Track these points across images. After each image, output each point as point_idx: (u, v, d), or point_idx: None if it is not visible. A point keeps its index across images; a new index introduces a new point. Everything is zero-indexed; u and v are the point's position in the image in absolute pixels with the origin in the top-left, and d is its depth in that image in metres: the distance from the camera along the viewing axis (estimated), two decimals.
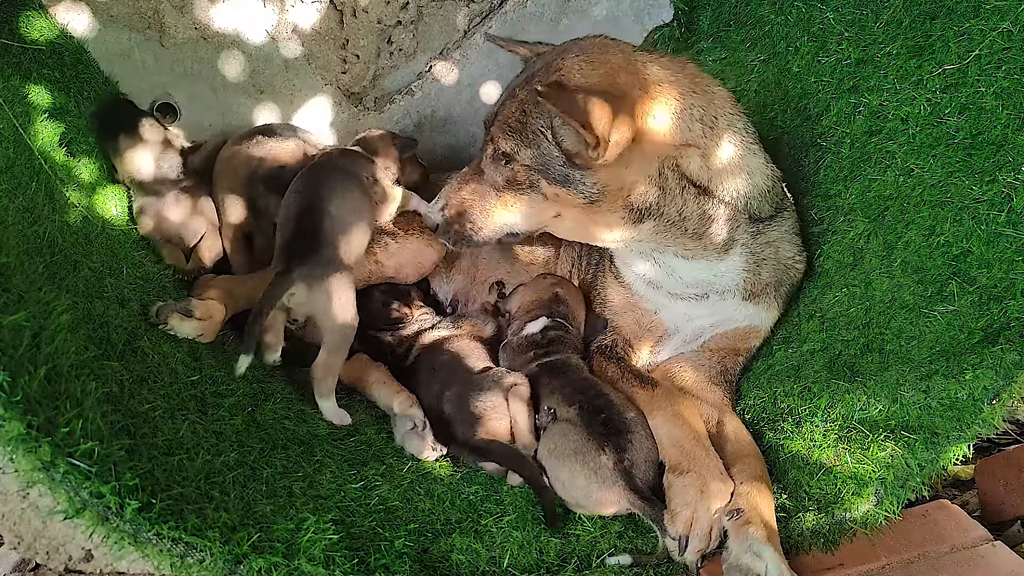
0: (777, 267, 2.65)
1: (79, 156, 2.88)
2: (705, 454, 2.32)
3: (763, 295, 2.67)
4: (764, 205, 2.57)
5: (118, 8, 3.24)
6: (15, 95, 2.67)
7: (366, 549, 2.02)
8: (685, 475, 2.24)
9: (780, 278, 2.67)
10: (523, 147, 2.38)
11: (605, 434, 2.33)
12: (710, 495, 2.18)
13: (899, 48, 2.53)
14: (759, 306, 2.68)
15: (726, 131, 2.45)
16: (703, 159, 2.42)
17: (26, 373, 1.65)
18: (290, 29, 3.51)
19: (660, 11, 3.81)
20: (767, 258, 2.62)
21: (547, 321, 2.82)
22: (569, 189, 2.38)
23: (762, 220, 2.58)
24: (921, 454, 2.08)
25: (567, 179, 2.37)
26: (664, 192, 2.42)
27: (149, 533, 1.68)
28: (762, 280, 2.64)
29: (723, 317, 2.73)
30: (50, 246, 2.26)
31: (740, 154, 2.48)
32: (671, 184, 2.41)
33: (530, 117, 2.36)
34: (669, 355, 2.84)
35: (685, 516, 2.16)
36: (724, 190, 2.47)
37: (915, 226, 2.30)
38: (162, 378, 2.25)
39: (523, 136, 2.38)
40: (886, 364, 2.23)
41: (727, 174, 2.46)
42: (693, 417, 2.47)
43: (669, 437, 2.38)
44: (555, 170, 2.36)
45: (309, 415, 2.61)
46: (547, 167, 2.37)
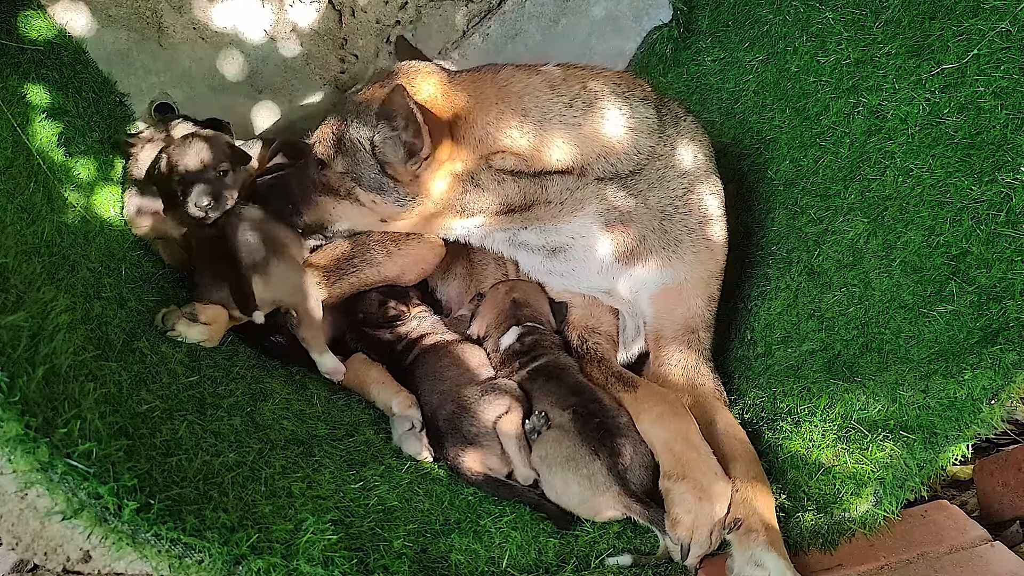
0: (652, 218, 2.65)
1: (77, 156, 2.87)
2: (697, 455, 2.29)
3: (648, 252, 2.68)
4: (618, 165, 2.57)
5: (116, 8, 3.25)
6: (13, 95, 2.67)
7: (365, 549, 2.01)
8: (681, 481, 2.21)
9: (662, 228, 2.66)
10: (340, 155, 2.53)
11: (599, 439, 2.32)
12: (709, 498, 2.17)
13: (898, 48, 2.53)
14: (652, 264, 2.70)
15: (540, 120, 2.49)
16: (516, 156, 2.49)
17: (24, 373, 1.65)
18: (289, 29, 3.51)
19: (659, 11, 3.82)
20: (633, 212, 2.63)
21: (519, 329, 2.82)
22: (384, 198, 2.53)
23: (620, 177, 2.59)
24: (920, 454, 2.08)
25: (381, 188, 2.52)
26: (483, 192, 2.54)
27: (147, 534, 1.68)
28: (639, 236, 2.65)
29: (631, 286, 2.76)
30: (48, 246, 2.26)
31: (562, 133, 2.50)
32: (489, 182, 2.53)
33: (350, 127, 2.49)
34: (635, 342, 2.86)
35: (686, 522, 2.14)
36: (549, 168, 2.53)
37: (914, 226, 2.30)
38: (160, 379, 2.25)
39: (341, 146, 2.52)
40: (885, 364, 2.23)
41: (555, 157, 2.51)
42: (680, 415, 2.42)
43: (659, 441, 2.35)
44: (370, 179, 2.51)
45: (308, 415, 2.60)
46: (362, 176, 2.52)
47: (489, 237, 2.79)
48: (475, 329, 2.98)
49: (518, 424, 2.49)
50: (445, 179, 2.49)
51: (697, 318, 2.74)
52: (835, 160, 2.69)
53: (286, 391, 2.68)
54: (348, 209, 2.64)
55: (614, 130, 2.55)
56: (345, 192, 2.58)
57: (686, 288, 2.72)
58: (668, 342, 2.74)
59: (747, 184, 3.04)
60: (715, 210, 2.72)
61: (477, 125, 2.45)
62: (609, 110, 2.55)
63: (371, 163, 2.47)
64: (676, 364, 2.71)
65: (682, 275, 2.71)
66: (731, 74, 3.39)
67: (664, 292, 2.73)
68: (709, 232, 2.71)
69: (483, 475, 2.43)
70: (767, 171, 2.96)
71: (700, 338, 2.74)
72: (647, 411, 2.44)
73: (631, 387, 2.57)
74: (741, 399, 2.67)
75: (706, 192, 2.70)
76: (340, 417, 2.68)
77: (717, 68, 3.50)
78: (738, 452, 2.38)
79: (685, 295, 2.73)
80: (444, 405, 2.59)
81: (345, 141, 2.49)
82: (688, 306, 2.74)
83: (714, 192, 2.73)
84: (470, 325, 3.03)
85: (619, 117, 2.56)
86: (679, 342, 2.73)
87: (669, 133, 2.66)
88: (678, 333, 2.73)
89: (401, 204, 2.53)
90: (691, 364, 2.71)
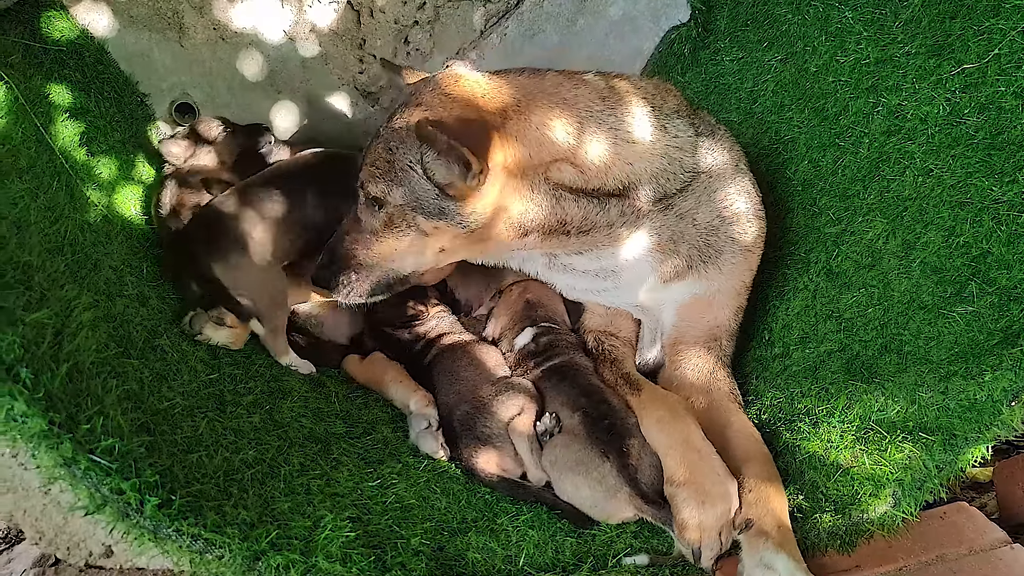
0: (697, 236, 2.61)
1: (99, 156, 2.90)
2: (699, 458, 2.28)
3: (689, 269, 2.64)
4: (666, 184, 2.53)
5: (138, 9, 3.28)
6: (37, 95, 2.70)
7: (383, 547, 2.02)
8: (683, 486, 2.21)
9: (704, 244, 2.62)
10: (394, 187, 2.36)
11: (608, 441, 2.32)
12: (712, 502, 2.16)
13: (918, 47, 2.51)
14: (690, 280, 2.67)
15: (596, 131, 2.42)
16: (574, 167, 2.40)
17: (48, 370, 1.67)
18: (308, 29, 3.53)
19: (677, 11, 3.81)
20: (683, 232, 2.59)
21: (533, 330, 2.82)
22: (447, 222, 2.37)
23: (669, 197, 2.55)
24: (939, 455, 2.06)
25: (443, 212, 2.35)
26: (540, 207, 2.41)
27: (169, 529, 1.70)
28: (682, 255, 2.62)
29: (661, 299, 2.73)
30: (71, 245, 2.29)
31: (620, 148, 2.44)
32: (544, 198, 2.41)
33: (396, 156, 2.34)
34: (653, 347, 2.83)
35: (693, 527, 2.14)
36: (610, 187, 2.45)
37: (934, 227, 2.29)
38: (181, 376, 2.28)
39: (392, 177, 2.36)
40: (904, 365, 2.22)
41: (609, 172, 2.44)
42: (680, 418, 2.41)
43: (661, 445, 2.35)
44: (430, 205, 2.35)
45: (326, 414, 2.62)
46: (422, 203, 2.36)
47: (531, 260, 2.72)
48: (490, 330, 2.99)
49: (530, 425, 2.50)
50: (504, 190, 2.36)
51: (722, 328, 2.73)
52: (854, 160, 2.68)
53: (304, 389, 2.70)
54: (412, 242, 2.47)
55: (659, 146, 2.52)
56: (406, 225, 2.42)
57: (717, 299, 2.71)
58: (687, 347, 2.73)
59: (765, 184, 3.03)
60: (753, 220, 2.69)
61: (531, 127, 2.35)
62: (654, 126, 2.52)
63: (428, 187, 2.32)
64: (692, 368, 2.70)
65: (716, 286, 2.69)
66: (749, 74, 3.38)
67: (694, 302, 2.71)
68: (746, 243, 2.69)
69: (497, 476, 2.44)
70: (785, 171, 2.95)
71: (722, 345, 2.73)
72: (648, 415, 2.45)
73: (636, 390, 2.57)
74: (758, 400, 2.66)
75: (745, 203, 2.68)
76: (358, 415, 2.70)
77: (735, 68, 3.49)
78: (753, 454, 2.38)
79: (715, 306, 2.71)
80: (459, 405, 2.60)
81: (396, 171, 2.35)
82: (715, 316, 2.72)
83: (752, 202, 2.70)
84: (485, 326, 3.04)
85: (662, 132, 2.53)
86: (699, 347, 2.71)
87: (707, 146, 2.65)
88: (700, 340, 2.72)
89: (464, 225, 2.37)
90: (708, 369, 2.69)
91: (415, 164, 2.31)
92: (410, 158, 2.31)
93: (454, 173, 2.25)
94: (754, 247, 2.71)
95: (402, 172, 2.33)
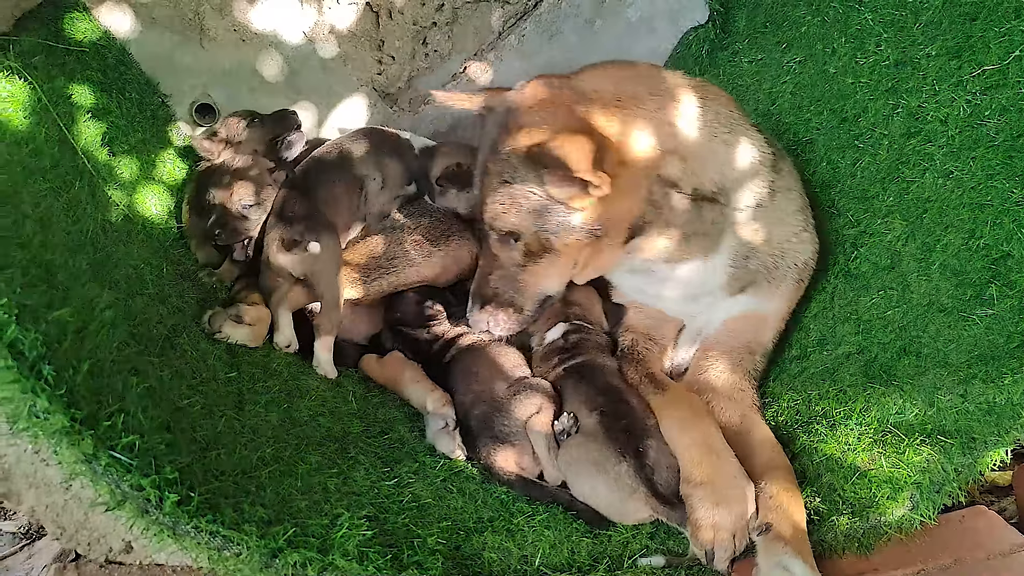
0: (769, 253, 2.63)
1: (120, 156, 2.93)
2: (717, 459, 2.28)
3: (753, 284, 2.65)
4: (754, 193, 2.54)
5: (160, 10, 3.30)
6: (60, 95, 2.73)
7: (399, 545, 2.03)
8: (700, 486, 2.21)
9: (773, 263, 2.64)
10: (522, 216, 2.39)
11: (626, 441, 2.32)
12: (728, 503, 2.16)
13: (938, 49, 2.50)
14: (751, 295, 2.67)
15: (699, 126, 2.43)
16: (682, 162, 2.41)
17: (70, 367, 1.69)
18: (327, 30, 3.55)
19: (695, 12, 3.80)
20: (756, 247, 2.60)
21: (565, 326, 2.82)
22: (577, 236, 2.39)
23: (752, 208, 2.56)
24: (958, 459, 2.05)
25: (572, 227, 2.37)
26: (655, 205, 2.42)
27: (187, 526, 1.72)
28: (751, 270, 2.63)
29: (718, 311, 2.73)
30: (93, 243, 2.31)
31: (719, 147, 2.46)
32: (659, 195, 2.41)
33: (515, 184, 2.36)
34: (683, 352, 2.83)
35: (707, 527, 2.14)
36: (709, 187, 2.46)
37: (954, 229, 2.28)
38: (200, 374, 2.30)
39: (516, 206, 2.38)
40: (923, 368, 2.20)
41: (710, 171, 2.46)
42: (702, 420, 2.42)
43: (679, 445, 2.35)
44: (559, 222, 2.36)
45: (343, 413, 2.64)
46: (550, 223, 2.37)
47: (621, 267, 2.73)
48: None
49: (548, 424, 2.50)
50: (623, 189, 2.33)
51: (760, 344, 2.74)
52: (873, 162, 2.66)
53: (322, 388, 2.72)
54: (551, 266, 2.50)
55: (747, 152, 2.53)
56: (543, 248, 2.44)
57: (767, 319, 2.72)
58: (720, 355, 2.73)
59: None
60: (811, 250, 2.71)
61: (637, 122, 2.35)
62: (742, 130, 2.54)
63: (554, 206, 2.34)
64: (719, 375, 2.69)
65: (772, 307, 2.70)
66: (768, 75, 3.37)
67: (745, 317, 2.72)
68: (804, 274, 2.70)
69: (515, 475, 2.44)
70: (804, 173, 2.94)
71: (755, 360, 2.73)
72: (670, 415, 2.44)
73: (660, 389, 2.57)
74: (775, 402, 2.65)
75: (808, 232, 2.70)
76: (375, 415, 2.71)
77: (753, 69, 3.48)
78: (774, 462, 2.37)
79: (763, 324, 2.73)
80: (477, 405, 2.61)
81: (520, 199, 2.37)
82: (759, 333, 2.73)
83: (813, 233, 2.72)
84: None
85: (749, 140, 2.55)
86: (731, 357, 2.72)
87: (784, 168, 2.68)
88: (735, 350, 2.72)
89: (594, 235, 2.39)
90: (735, 378, 2.68)
91: (535, 187, 2.33)
92: (529, 183, 2.34)
93: (574, 187, 2.26)
94: (807, 276, 2.73)
95: (525, 199, 2.36)
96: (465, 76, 3.80)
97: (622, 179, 2.31)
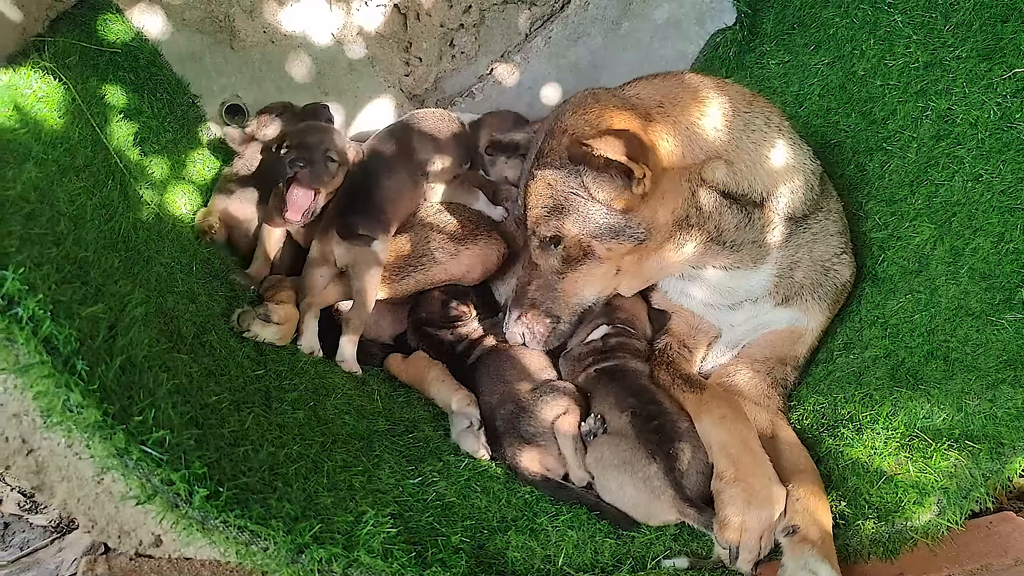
0: (813, 268, 2.63)
1: (151, 155, 2.97)
2: (753, 460, 2.27)
3: (797, 297, 2.65)
4: (800, 204, 2.54)
5: (191, 12, 3.34)
6: (93, 96, 2.77)
7: (423, 543, 2.04)
8: (733, 483, 2.20)
9: (817, 279, 2.64)
10: (565, 219, 2.41)
11: (657, 442, 2.31)
12: (759, 504, 2.15)
13: (969, 51, 2.48)
14: (794, 308, 2.67)
15: (745, 132, 2.44)
16: (728, 166, 2.42)
17: (103, 363, 1.72)
18: (355, 32, 3.58)
19: (722, 14, 3.79)
20: (801, 260, 2.61)
21: (608, 328, 2.82)
22: (620, 239, 2.41)
23: (798, 220, 2.56)
24: (986, 464, 2.03)
25: (615, 230, 2.39)
26: (699, 210, 2.43)
27: (216, 520, 1.74)
28: (796, 282, 2.63)
29: (759, 322, 2.72)
30: (125, 242, 2.35)
31: (767, 153, 2.46)
32: (704, 199, 2.43)
33: (557, 188, 2.40)
34: (718, 358, 2.83)
35: (734, 525, 2.13)
36: (756, 194, 2.47)
37: (983, 232, 2.26)
38: (229, 371, 2.32)
39: (560, 209, 2.41)
40: (951, 372, 2.19)
41: (756, 177, 2.46)
42: (742, 420, 2.41)
43: (717, 442, 2.34)
44: (602, 225, 2.39)
45: (369, 411, 2.65)
46: (593, 226, 2.40)
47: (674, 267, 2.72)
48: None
49: (575, 425, 2.50)
50: (666, 194, 2.38)
51: (795, 358, 2.74)
52: (902, 165, 2.65)
53: (348, 387, 2.74)
54: (591, 273, 2.53)
55: (796, 160, 2.54)
56: (583, 254, 2.47)
57: (806, 335, 2.72)
58: (751, 361, 2.73)
59: None
60: (851, 270, 2.70)
61: (680, 125, 2.38)
62: (789, 138, 2.55)
63: (596, 207, 2.37)
64: (747, 380, 2.69)
65: (813, 324, 2.70)
66: (795, 77, 3.36)
67: (786, 332, 2.72)
68: (841, 295, 2.71)
69: (540, 475, 2.44)
70: (831, 175, 2.93)
71: (786, 371, 2.73)
72: (710, 412, 2.43)
73: (697, 388, 2.56)
74: (800, 405, 2.64)
75: (847, 251, 2.70)
76: (400, 414, 2.72)
77: (781, 71, 3.47)
78: (802, 464, 2.36)
79: (801, 340, 2.73)
80: (503, 405, 2.61)
81: (562, 202, 2.40)
82: (796, 347, 2.73)
83: (851, 255, 2.72)
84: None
85: (798, 148, 2.56)
86: (763, 365, 2.72)
87: (827, 185, 2.69)
88: (767, 359, 2.73)
89: (635, 238, 2.40)
90: (764, 385, 2.68)
91: (578, 189, 2.37)
92: (571, 184, 2.37)
93: (617, 185, 2.30)
94: (843, 298, 2.73)
95: (567, 201, 2.39)
96: (492, 78, 3.81)
97: (664, 181, 2.33)
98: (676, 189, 2.39)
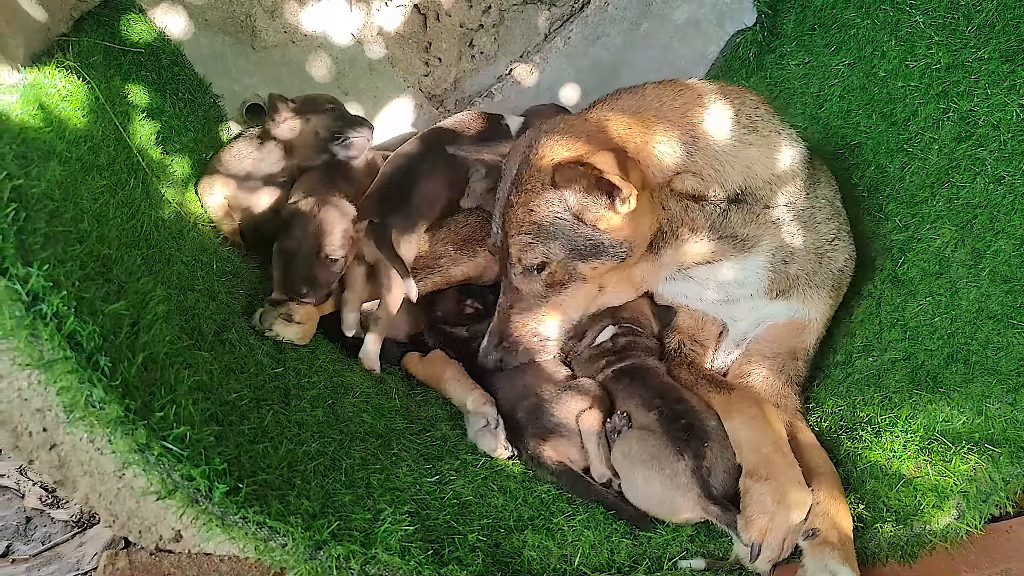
0: (806, 257, 2.63)
1: (173, 154, 3.00)
2: (784, 460, 2.26)
3: (794, 288, 2.66)
4: (783, 193, 2.56)
5: (212, 12, 3.37)
6: (116, 95, 2.80)
7: (440, 541, 2.05)
8: (763, 482, 2.19)
9: (812, 268, 2.65)
10: (551, 244, 2.45)
11: (685, 440, 2.31)
12: (788, 504, 2.14)
13: (991, 52, 2.46)
14: (793, 300, 2.68)
15: (711, 139, 2.46)
16: (695, 176, 2.46)
17: (125, 359, 1.74)
18: (375, 32, 3.59)
19: (742, 14, 3.78)
20: (792, 248, 2.61)
21: (615, 328, 2.81)
22: (603, 259, 2.47)
23: (783, 209, 2.58)
24: (1006, 468, 2.02)
25: (599, 250, 2.44)
26: (671, 219, 2.49)
27: (236, 516, 1.75)
28: (790, 273, 2.64)
29: (760, 315, 2.74)
30: (147, 239, 2.37)
31: (733, 154, 2.49)
32: (676, 209, 2.48)
33: (540, 213, 2.43)
34: (726, 357, 2.83)
35: (760, 524, 2.12)
36: (730, 192, 2.50)
37: (1005, 235, 2.24)
38: (248, 369, 2.34)
39: (544, 234, 2.45)
40: (971, 376, 2.18)
41: (728, 178, 2.49)
42: (773, 421, 2.41)
43: (747, 441, 2.33)
44: (587, 246, 2.44)
45: (386, 410, 2.67)
46: (578, 248, 2.44)
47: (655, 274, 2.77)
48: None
49: (599, 420, 2.50)
50: (645, 211, 2.43)
51: (803, 350, 2.74)
52: (923, 166, 2.64)
53: (366, 385, 2.75)
54: (576, 292, 2.60)
55: (771, 151, 2.55)
56: (568, 276, 2.53)
57: (809, 325, 2.73)
58: (763, 359, 2.73)
59: None
60: (850, 257, 2.73)
61: (648, 145, 2.43)
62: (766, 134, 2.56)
63: (580, 228, 2.42)
64: (762, 379, 2.69)
65: (814, 314, 2.71)
66: (815, 78, 3.35)
67: (788, 324, 2.73)
68: (840, 280, 2.72)
69: (563, 464, 2.44)
70: (851, 176, 2.92)
71: (798, 366, 2.73)
72: (741, 411, 2.42)
73: (725, 389, 2.56)
74: (819, 407, 2.63)
75: (846, 237, 2.72)
76: (418, 412, 2.74)
77: (801, 72, 3.46)
78: (822, 467, 2.35)
79: (805, 331, 2.73)
80: (526, 398, 2.62)
81: (546, 227, 2.44)
82: (802, 339, 2.73)
83: (850, 241, 2.74)
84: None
85: (777, 142, 2.57)
86: (775, 362, 2.71)
87: (817, 171, 2.69)
88: (778, 355, 2.72)
89: (620, 257, 2.48)
90: (779, 383, 2.68)
91: (561, 212, 2.41)
92: (554, 209, 2.42)
93: (601, 205, 2.36)
94: (843, 283, 2.75)
95: (551, 226, 2.44)
96: (511, 78, 3.82)
97: (643, 197, 2.38)
98: (651, 204, 2.45)
